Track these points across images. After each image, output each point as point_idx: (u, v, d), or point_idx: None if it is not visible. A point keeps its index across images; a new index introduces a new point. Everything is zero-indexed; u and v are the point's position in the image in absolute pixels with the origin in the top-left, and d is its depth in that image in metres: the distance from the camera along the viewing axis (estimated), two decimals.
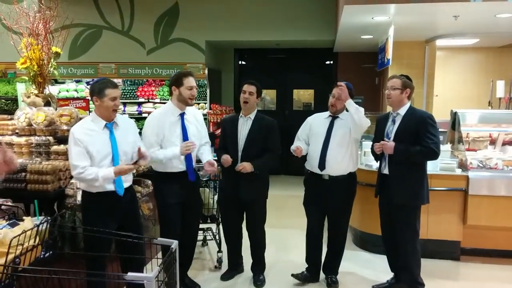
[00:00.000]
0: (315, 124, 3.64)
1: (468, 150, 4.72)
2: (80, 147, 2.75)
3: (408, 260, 3.44)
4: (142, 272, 1.92)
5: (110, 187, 2.83)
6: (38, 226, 2.21)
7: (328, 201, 3.55)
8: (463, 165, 4.39)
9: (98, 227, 2.58)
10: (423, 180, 3.41)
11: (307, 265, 3.78)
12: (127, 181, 2.95)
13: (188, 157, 3.35)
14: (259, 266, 3.81)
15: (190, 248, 3.59)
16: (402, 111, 3.42)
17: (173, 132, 3.32)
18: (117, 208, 2.87)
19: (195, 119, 3.47)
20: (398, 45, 6.24)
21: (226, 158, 3.52)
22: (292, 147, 3.59)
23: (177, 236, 3.27)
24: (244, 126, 3.62)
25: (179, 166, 3.34)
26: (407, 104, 3.43)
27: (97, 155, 2.78)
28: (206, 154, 3.50)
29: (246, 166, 3.48)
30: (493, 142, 5.02)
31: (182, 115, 3.36)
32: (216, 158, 3.69)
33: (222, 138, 3.76)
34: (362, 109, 3.40)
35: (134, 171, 3.06)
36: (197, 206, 3.62)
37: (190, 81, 3.31)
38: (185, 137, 3.34)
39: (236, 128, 3.62)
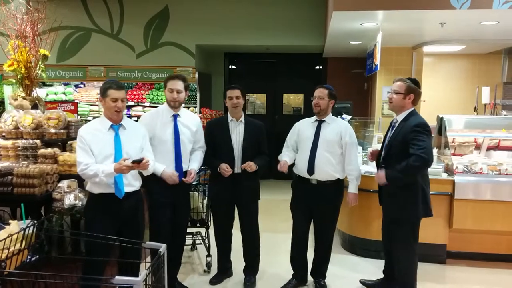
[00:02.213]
0: (303, 129, 3.66)
1: (454, 155, 4.80)
2: (84, 145, 2.80)
3: (399, 270, 3.38)
4: (138, 275, 1.92)
5: (111, 189, 2.83)
6: (24, 230, 2.20)
7: (315, 205, 3.56)
8: (449, 170, 4.46)
9: (95, 227, 2.65)
10: (416, 194, 3.20)
11: (293, 271, 3.79)
12: (131, 185, 2.94)
13: (178, 159, 3.37)
14: (252, 268, 3.82)
15: (178, 250, 3.59)
16: (401, 117, 3.25)
17: (164, 131, 3.35)
18: (117, 211, 2.87)
19: (191, 124, 3.48)
20: (386, 51, 6.33)
21: (227, 170, 3.48)
22: (279, 164, 3.53)
23: (168, 236, 3.28)
24: (237, 131, 3.63)
25: (170, 166, 3.35)
26: (408, 110, 3.23)
27: (99, 154, 2.82)
28: (193, 161, 3.50)
29: (252, 166, 3.50)
30: (478, 147, 5.11)
31: (175, 116, 3.39)
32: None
33: (210, 143, 3.65)
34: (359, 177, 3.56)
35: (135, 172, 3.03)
36: (187, 208, 3.63)
37: (172, 84, 3.34)
38: (176, 137, 3.37)
39: (228, 133, 3.61)
